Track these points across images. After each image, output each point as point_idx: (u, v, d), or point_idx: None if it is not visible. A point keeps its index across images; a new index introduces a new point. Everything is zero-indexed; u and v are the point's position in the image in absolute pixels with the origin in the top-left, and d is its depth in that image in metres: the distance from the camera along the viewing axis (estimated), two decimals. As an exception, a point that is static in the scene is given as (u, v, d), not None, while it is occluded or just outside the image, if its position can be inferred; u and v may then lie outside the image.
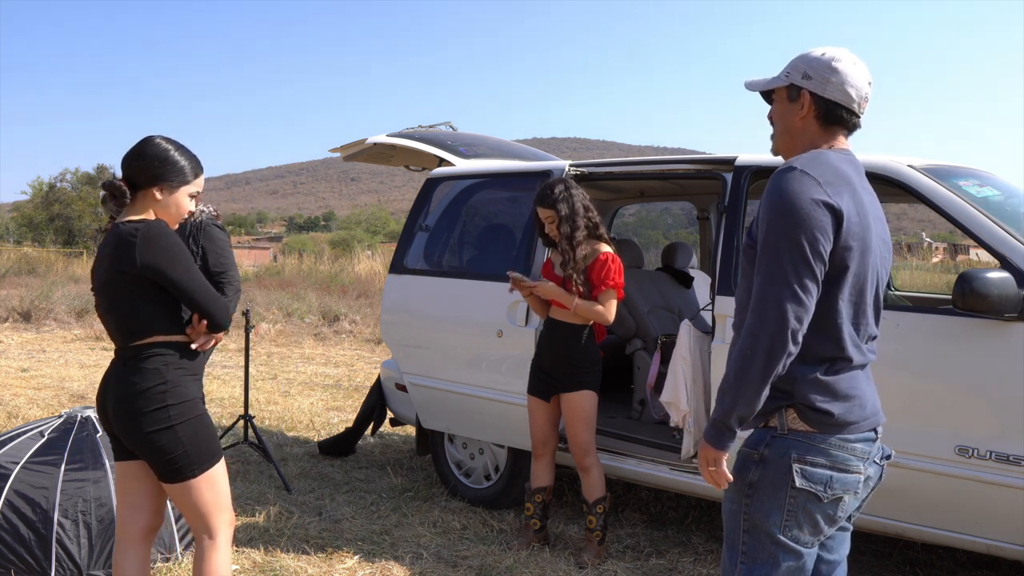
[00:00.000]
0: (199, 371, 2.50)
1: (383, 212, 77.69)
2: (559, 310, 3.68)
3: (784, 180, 1.80)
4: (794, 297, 1.75)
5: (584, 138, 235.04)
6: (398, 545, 3.84)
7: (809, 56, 1.94)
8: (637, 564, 3.68)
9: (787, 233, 1.76)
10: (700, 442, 1.91)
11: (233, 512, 2.53)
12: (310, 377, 8.60)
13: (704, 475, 1.92)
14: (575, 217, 3.60)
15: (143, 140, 2.42)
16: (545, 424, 3.77)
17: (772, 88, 2.00)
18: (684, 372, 3.64)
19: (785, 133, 1.98)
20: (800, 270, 1.75)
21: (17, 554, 3.14)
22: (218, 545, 2.46)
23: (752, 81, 2.06)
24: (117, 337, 2.40)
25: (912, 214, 53.83)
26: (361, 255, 21.94)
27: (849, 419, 1.84)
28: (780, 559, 1.87)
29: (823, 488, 1.84)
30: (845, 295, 1.83)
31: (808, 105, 1.91)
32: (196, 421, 2.40)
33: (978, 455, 2.88)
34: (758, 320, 1.77)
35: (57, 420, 3.56)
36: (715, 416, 1.85)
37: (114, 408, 2.37)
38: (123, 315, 2.37)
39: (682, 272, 5.22)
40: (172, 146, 2.42)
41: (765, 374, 1.77)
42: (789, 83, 1.94)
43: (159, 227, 2.35)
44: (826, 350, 1.84)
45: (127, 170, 2.39)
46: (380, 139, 4.81)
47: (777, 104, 1.99)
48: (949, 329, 2.98)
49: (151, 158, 2.38)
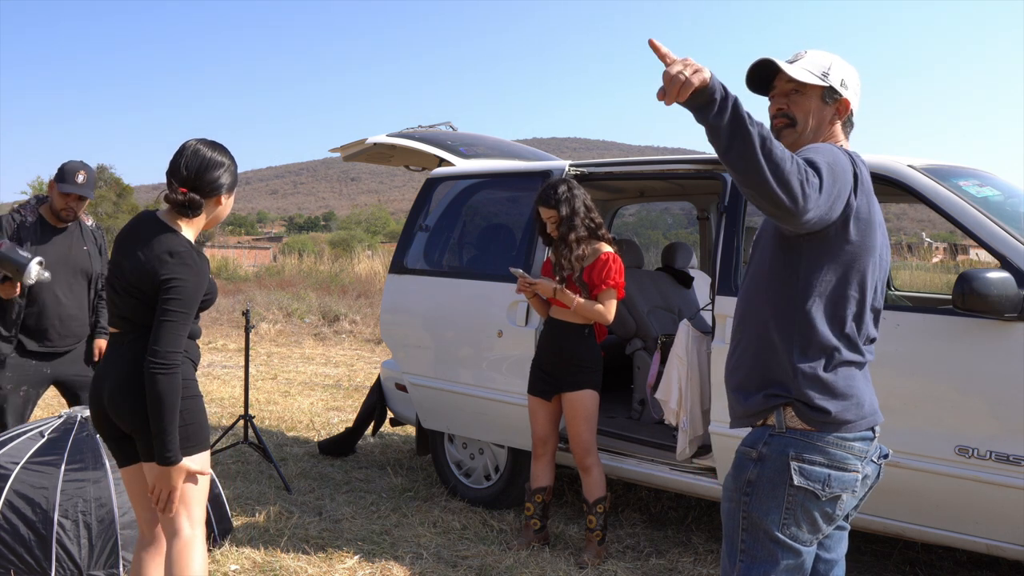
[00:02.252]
0: (197, 358, 2.56)
1: (383, 212, 77.65)
2: (560, 310, 3.68)
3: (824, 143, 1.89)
4: (814, 173, 1.70)
5: (584, 138, 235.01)
6: (398, 545, 3.84)
7: (842, 65, 1.98)
8: (637, 564, 3.68)
9: (822, 155, 1.77)
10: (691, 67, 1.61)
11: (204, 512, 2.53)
12: (310, 377, 8.60)
13: (671, 71, 1.60)
14: (574, 218, 3.61)
15: (198, 149, 2.46)
16: (546, 424, 3.78)
17: (804, 81, 1.94)
18: (679, 371, 3.64)
19: (816, 131, 1.98)
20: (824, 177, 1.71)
21: (17, 554, 3.14)
22: (197, 538, 2.42)
23: (790, 66, 1.94)
24: (132, 321, 2.41)
25: (912, 214, 53.82)
26: (361, 255, 21.93)
27: (847, 417, 1.85)
28: (779, 557, 1.88)
29: (821, 486, 1.84)
30: (853, 288, 1.86)
31: (844, 112, 1.99)
32: (193, 401, 2.43)
33: (978, 455, 2.88)
34: (791, 162, 1.65)
35: (57, 420, 3.56)
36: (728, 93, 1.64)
37: (113, 390, 2.38)
38: (133, 302, 2.40)
39: (682, 272, 5.23)
40: (229, 151, 2.52)
41: (762, 164, 1.60)
42: (828, 85, 1.95)
43: (184, 246, 2.44)
44: (829, 340, 1.85)
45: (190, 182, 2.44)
46: (380, 139, 4.81)
47: (804, 99, 1.96)
48: (949, 329, 2.98)
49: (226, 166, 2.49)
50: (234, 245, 43.63)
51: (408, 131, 5.01)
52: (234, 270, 20.41)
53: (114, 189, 33.02)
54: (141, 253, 2.36)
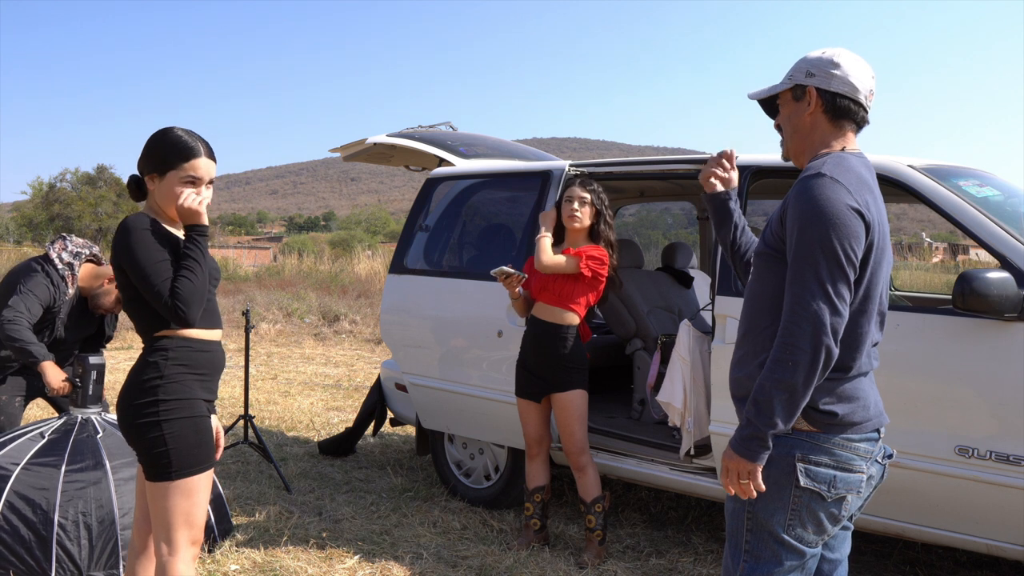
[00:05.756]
0: (209, 370, 2.39)
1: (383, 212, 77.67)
2: (542, 308, 3.69)
3: (816, 187, 1.78)
4: (831, 306, 1.74)
5: (584, 138, 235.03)
6: (398, 545, 3.84)
7: (809, 57, 1.97)
8: (637, 564, 3.68)
9: (823, 241, 1.74)
10: (727, 453, 1.85)
11: (202, 533, 2.38)
12: (310, 377, 8.60)
13: (733, 486, 1.87)
14: (604, 212, 3.70)
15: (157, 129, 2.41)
16: (539, 425, 3.78)
17: (776, 94, 2.01)
18: (683, 372, 3.64)
19: (795, 134, 1.98)
20: (836, 278, 1.74)
21: (17, 555, 3.14)
22: (176, 565, 2.30)
23: (755, 92, 2.07)
24: (138, 331, 2.38)
25: (912, 214, 53.80)
26: (361, 255, 21.92)
27: (853, 419, 1.85)
28: (783, 558, 1.88)
29: (827, 487, 1.84)
30: (861, 302, 1.83)
31: (815, 101, 1.93)
32: (188, 422, 2.30)
33: (978, 455, 2.88)
34: (798, 331, 1.74)
35: (57, 421, 3.55)
36: (749, 430, 1.81)
37: (117, 399, 2.37)
38: (132, 309, 2.36)
39: (682, 272, 5.22)
40: (174, 131, 2.36)
41: (806, 386, 1.75)
42: (793, 84, 1.95)
43: (130, 221, 2.30)
44: (840, 357, 1.82)
45: (137, 164, 2.39)
46: (380, 139, 4.81)
47: (784, 108, 2.00)
48: (949, 329, 2.98)
49: (147, 144, 2.36)
50: (234, 245, 43.63)
51: (408, 131, 5.01)
52: (234, 270, 20.40)
53: (114, 189, 33.06)
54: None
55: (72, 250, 3.86)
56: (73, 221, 34.77)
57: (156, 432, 2.27)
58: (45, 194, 36.42)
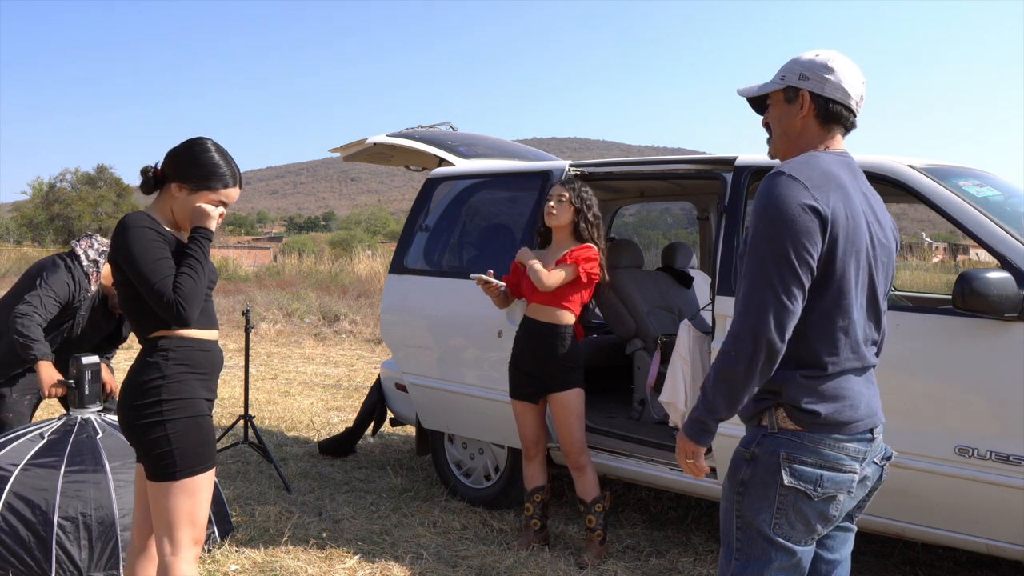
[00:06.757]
0: (209, 370, 2.39)
1: (383, 212, 77.71)
2: (535, 308, 3.69)
3: (771, 185, 1.82)
4: (777, 302, 1.77)
5: (584, 138, 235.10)
6: (398, 545, 3.84)
7: (802, 59, 1.96)
8: (637, 564, 3.68)
9: (772, 238, 1.78)
10: (679, 434, 1.95)
11: (204, 533, 2.38)
12: (310, 377, 8.60)
13: (682, 465, 1.98)
14: (587, 212, 3.68)
15: (193, 137, 2.43)
16: (535, 426, 3.78)
17: (767, 93, 2.01)
18: (683, 372, 3.64)
19: (784, 136, 1.99)
20: (785, 275, 1.77)
21: (17, 556, 3.14)
22: (179, 565, 2.30)
23: (745, 88, 2.07)
24: (135, 331, 2.39)
25: (912, 214, 53.87)
26: (361, 255, 21.93)
27: (839, 419, 1.84)
28: (772, 556, 1.88)
29: (813, 487, 1.84)
30: (833, 299, 1.83)
31: (808, 105, 1.93)
32: (190, 421, 2.30)
33: (978, 455, 2.88)
34: (742, 324, 1.80)
35: (57, 422, 3.55)
36: (695, 413, 1.89)
37: (118, 399, 2.37)
38: (129, 308, 2.35)
39: (682, 272, 5.22)
40: (214, 150, 2.39)
41: (747, 378, 1.79)
42: (786, 85, 1.95)
43: (128, 219, 2.31)
44: (814, 354, 1.84)
45: (164, 160, 2.41)
46: (380, 139, 4.81)
47: (774, 108, 2.00)
48: (949, 329, 2.98)
49: (184, 152, 2.38)
50: (234, 245, 43.64)
51: (408, 131, 5.01)
52: (234, 270, 20.41)
53: (114, 189, 33.06)
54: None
55: (98, 248, 3.93)
56: (73, 221, 34.77)
57: (159, 432, 2.27)
58: (45, 194, 36.42)
